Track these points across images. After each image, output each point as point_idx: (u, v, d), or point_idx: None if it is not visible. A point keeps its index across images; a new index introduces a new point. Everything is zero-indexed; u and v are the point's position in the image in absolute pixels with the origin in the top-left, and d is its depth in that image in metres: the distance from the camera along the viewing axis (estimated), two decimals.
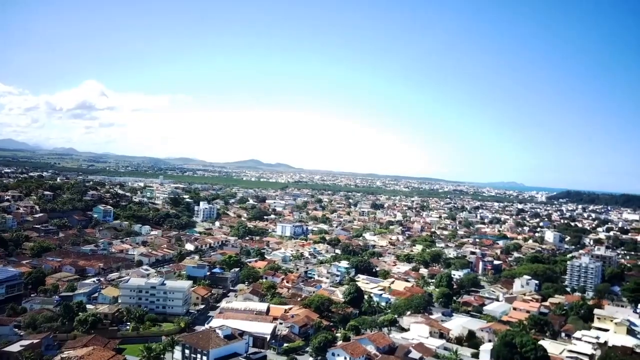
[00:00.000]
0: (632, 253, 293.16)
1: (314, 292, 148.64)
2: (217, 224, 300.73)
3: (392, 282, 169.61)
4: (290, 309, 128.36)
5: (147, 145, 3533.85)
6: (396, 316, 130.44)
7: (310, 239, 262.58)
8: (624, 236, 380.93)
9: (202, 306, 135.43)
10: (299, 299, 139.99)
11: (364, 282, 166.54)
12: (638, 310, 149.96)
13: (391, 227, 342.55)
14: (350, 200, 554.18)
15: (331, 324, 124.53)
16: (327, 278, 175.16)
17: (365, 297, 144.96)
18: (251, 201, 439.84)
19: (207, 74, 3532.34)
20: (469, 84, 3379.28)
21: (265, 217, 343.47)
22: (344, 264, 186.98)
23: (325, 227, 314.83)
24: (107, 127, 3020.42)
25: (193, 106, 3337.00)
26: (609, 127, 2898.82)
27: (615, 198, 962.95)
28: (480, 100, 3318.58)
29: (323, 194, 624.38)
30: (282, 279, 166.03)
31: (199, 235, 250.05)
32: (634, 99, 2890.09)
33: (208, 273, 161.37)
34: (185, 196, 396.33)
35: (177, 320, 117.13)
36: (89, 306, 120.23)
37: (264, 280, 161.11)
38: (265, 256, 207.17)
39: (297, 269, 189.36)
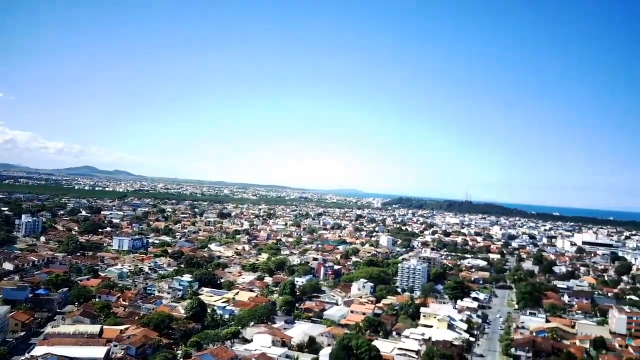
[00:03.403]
0: (453, 254, 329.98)
1: (153, 309, 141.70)
2: (43, 239, 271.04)
3: (237, 293, 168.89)
4: (126, 329, 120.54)
5: None
6: (240, 328, 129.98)
7: (151, 253, 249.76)
8: (446, 238, 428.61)
9: (23, 333, 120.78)
10: (136, 318, 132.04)
11: (207, 295, 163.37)
12: (457, 306, 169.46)
13: (238, 236, 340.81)
14: (196, 210, 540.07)
15: (172, 341, 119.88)
16: (169, 293, 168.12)
17: (209, 310, 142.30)
18: (84, 212, 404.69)
19: (30, 68, 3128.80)
20: (312, 96, 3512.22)
21: (100, 230, 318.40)
22: (187, 277, 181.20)
23: (167, 239, 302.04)
24: None
25: (12, 105, 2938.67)
26: (433, 138, 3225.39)
27: (440, 203, 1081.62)
28: (321, 111, 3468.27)
29: (166, 204, 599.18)
30: (118, 297, 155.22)
31: (19, 252, 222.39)
32: (455, 108, 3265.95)
33: (30, 295, 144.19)
34: (4, 208, 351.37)
35: None
36: None
37: (97, 299, 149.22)
38: (100, 273, 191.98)
39: (136, 286, 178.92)
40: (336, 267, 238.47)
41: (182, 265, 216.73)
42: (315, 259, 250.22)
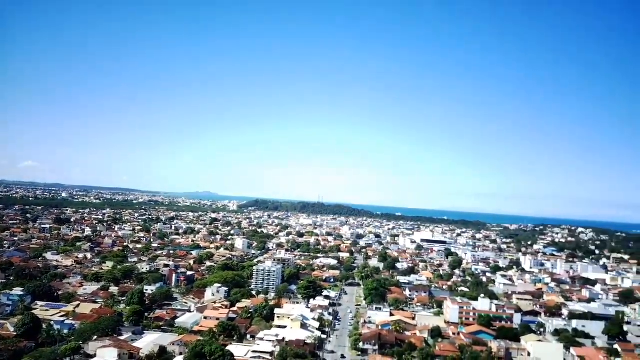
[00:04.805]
0: (307, 254, 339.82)
1: None
2: None
3: (78, 306, 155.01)
4: None
5: None
6: (81, 343, 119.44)
7: None
8: (300, 239, 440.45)
9: None
10: None
11: (43, 309, 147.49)
12: (309, 305, 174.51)
13: (78, 243, 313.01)
14: (29, 215, 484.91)
15: None
16: None
17: (44, 326, 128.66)
18: None
19: None
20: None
21: None
22: (18, 290, 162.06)
23: None
24: None
25: None
26: (284, 142, 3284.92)
27: (294, 205, 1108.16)
28: (172, 111, 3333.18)
29: None
30: None
31: None
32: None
33: None
34: None
35: None
36: None
37: None
38: None
39: None
40: (189, 272, 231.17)
41: (12, 278, 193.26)
42: (166, 266, 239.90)
